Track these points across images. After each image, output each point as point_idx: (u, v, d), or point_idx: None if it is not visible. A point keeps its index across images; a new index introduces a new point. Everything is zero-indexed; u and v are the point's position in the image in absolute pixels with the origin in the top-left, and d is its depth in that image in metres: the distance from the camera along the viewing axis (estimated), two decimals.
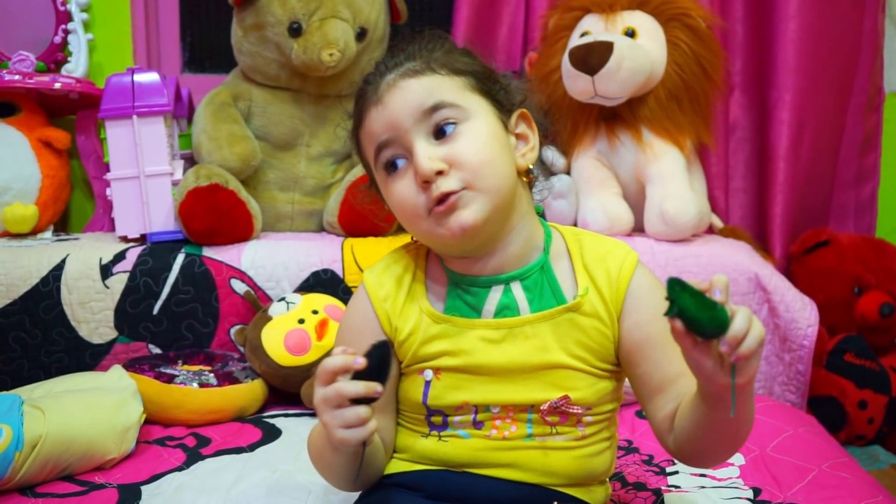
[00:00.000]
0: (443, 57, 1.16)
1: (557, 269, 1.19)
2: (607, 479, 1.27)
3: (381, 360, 1.04)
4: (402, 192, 1.13)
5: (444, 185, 1.10)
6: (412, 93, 1.13)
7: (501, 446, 1.17)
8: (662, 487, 1.49)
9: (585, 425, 1.18)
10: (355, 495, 1.25)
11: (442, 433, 1.19)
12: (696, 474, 1.55)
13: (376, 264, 1.25)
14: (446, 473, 1.18)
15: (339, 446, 1.05)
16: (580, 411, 1.17)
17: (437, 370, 1.17)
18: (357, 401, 1.03)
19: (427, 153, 1.11)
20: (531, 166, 1.21)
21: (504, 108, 1.19)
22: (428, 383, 1.18)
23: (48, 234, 2.29)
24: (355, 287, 1.82)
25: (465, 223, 1.11)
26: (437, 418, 1.19)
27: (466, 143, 1.12)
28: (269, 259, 2.06)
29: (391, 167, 1.14)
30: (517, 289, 1.17)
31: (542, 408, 1.16)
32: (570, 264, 1.20)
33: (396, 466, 1.22)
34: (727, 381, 0.97)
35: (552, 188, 2.22)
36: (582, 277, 1.18)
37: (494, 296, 1.17)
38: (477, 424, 1.17)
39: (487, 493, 1.16)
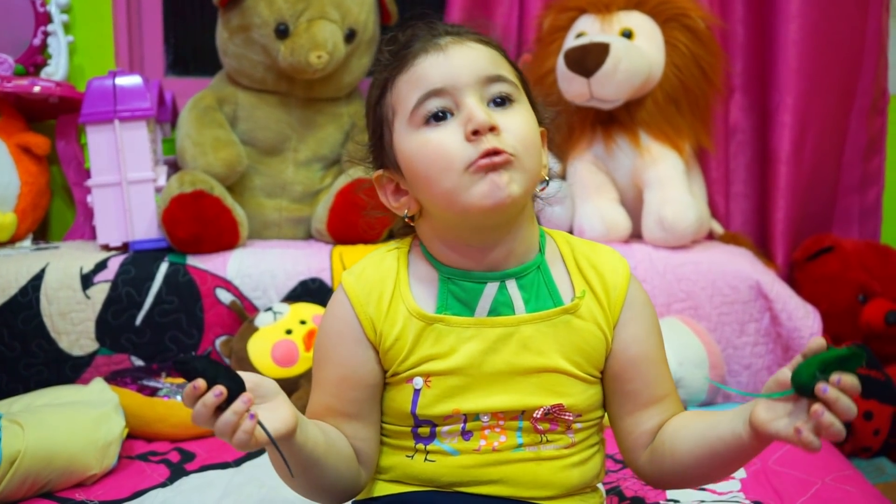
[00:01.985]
0: (500, 45, 1.18)
1: (553, 271, 1.19)
2: (599, 486, 1.27)
3: (205, 369, 1.00)
4: (442, 139, 1.09)
5: (497, 142, 1.08)
6: (480, 55, 1.12)
7: (490, 461, 1.16)
8: (661, 502, 1.49)
9: (575, 432, 1.18)
10: None
11: (428, 447, 1.17)
12: (695, 488, 1.55)
13: (355, 266, 1.22)
14: (434, 495, 1.18)
15: (243, 449, 1.04)
16: (572, 418, 1.17)
17: (427, 377, 1.15)
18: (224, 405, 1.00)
19: (484, 109, 1.09)
20: (547, 178, 1.21)
21: (537, 113, 1.19)
22: (417, 392, 1.15)
23: (27, 242, 2.29)
24: None
25: (500, 191, 1.08)
26: (425, 429, 1.17)
27: (520, 120, 1.11)
28: (255, 268, 2.07)
29: (435, 118, 1.11)
30: (513, 287, 1.16)
31: (534, 415, 1.15)
32: (564, 267, 1.20)
33: (382, 489, 1.21)
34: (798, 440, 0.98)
35: (549, 196, 2.23)
36: (578, 280, 1.19)
37: (489, 292, 1.15)
38: (465, 434, 1.16)
39: None
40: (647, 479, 1.23)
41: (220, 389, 0.99)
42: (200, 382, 0.99)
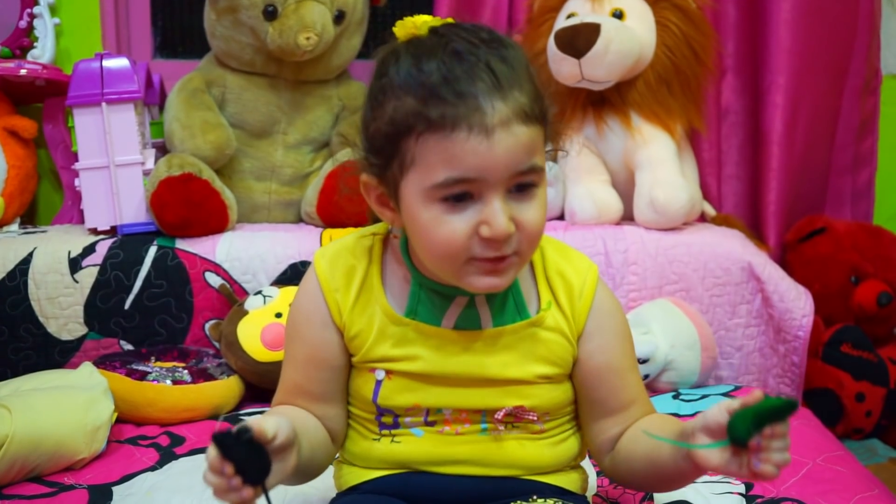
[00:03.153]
0: (535, 86, 1.08)
1: (522, 283, 1.19)
2: (581, 466, 1.28)
3: (247, 458, 0.98)
4: (455, 230, 1.04)
5: (506, 249, 1.06)
6: (521, 146, 1.04)
7: (456, 441, 1.18)
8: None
9: (543, 422, 1.20)
10: (333, 493, 1.26)
11: (394, 432, 1.19)
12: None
13: (328, 246, 1.23)
14: (408, 476, 1.19)
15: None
16: (535, 417, 1.18)
17: (389, 372, 1.17)
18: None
19: (506, 213, 1.04)
20: None
21: (549, 150, 1.16)
22: (379, 382, 1.17)
23: (14, 226, 2.28)
24: None
25: (498, 286, 1.09)
26: (388, 418, 1.19)
27: (536, 211, 1.08)
28: (244, 251, 2.06)
29: (455, 199, 1.05)
30: (480, 301, 1.16)
31: (496, 416, 1.17)
32: (532, 278, 1.20)
33: (356, 476, 1.22)
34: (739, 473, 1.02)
35: None
36: (545, 291, 1.19)
37: (456, 308, 1.16)
38: (429, 423, 1.18)
39: (458, 490, 1.18)
40: (612, 479, 1.28)
41: (237, 482, 0.97)
42: (230, 470, 0.96)
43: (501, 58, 1.04)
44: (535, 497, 1.17)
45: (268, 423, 1.00)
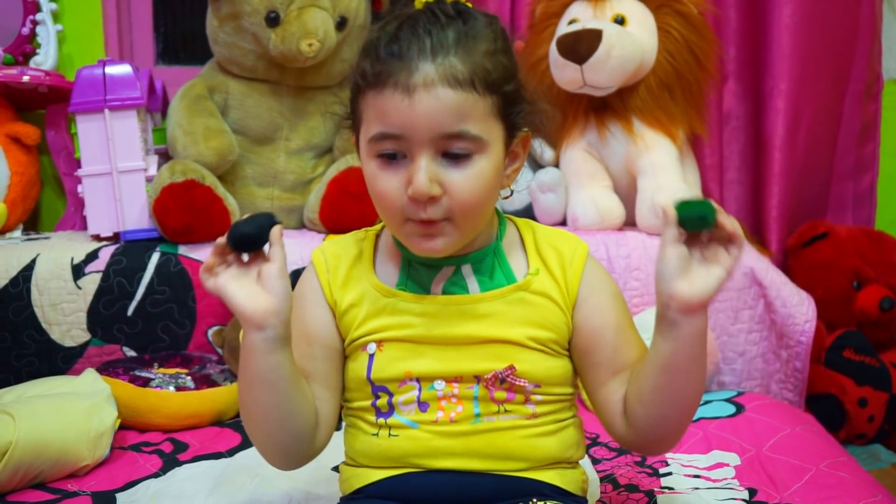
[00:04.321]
0: (488, 60, 1.11)
1: (510, 254, 1.23)
2: (581, 464, 1.28)
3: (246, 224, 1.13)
4: (387, 186, 1.11)
5: (430, 213, 1.10)
6: (445, 108, 1.08)
7: (450, 432, 1.19)
8: (655, 489, 1.50)
9: (536, 404, 1.20)
10: (338, 496, 1.26)
11: (389, 421, 1.20)
12: (689, 475, 1.56)
13: (325, 243, 1.30)
14: (408, 477, 1.20)
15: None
16: (527, 385, 1.19)
17: (380, 342, 1.20)
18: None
19: (429, 173, 1.08)
20: (511, 188, 1.24)
21: (515, 130, 1.18)
22: (371, 357, 1.20)
23: (17, 233, 2.28)
24: None
25: (433, 249, 1.14)
26: (383, 400, 1.20)
27: (469, 180, 1.11)
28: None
29: (387, 156, 1.11)
30: (467, 270, 1.20)
31: (486, 377, 1.18)
32: (522, 250, 1.24)
33: (359, 479, 1.23)
34: (692, 291, 1.10)
35: (539, 182, 2.23)
36: (535, 261, 1.22)
37: (444, 274, 1.20)
38: (422, 406, 1.19)
39: (457, 490, 1.19)
40: (631, 444, 1.25)
41: (213, 260, 1.12)
42: (221, 241, 1.12)
43: (456, 28, 1.10)
44: (535, 500, 1.18)
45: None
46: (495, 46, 1.12)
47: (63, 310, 2.01)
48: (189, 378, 1.87)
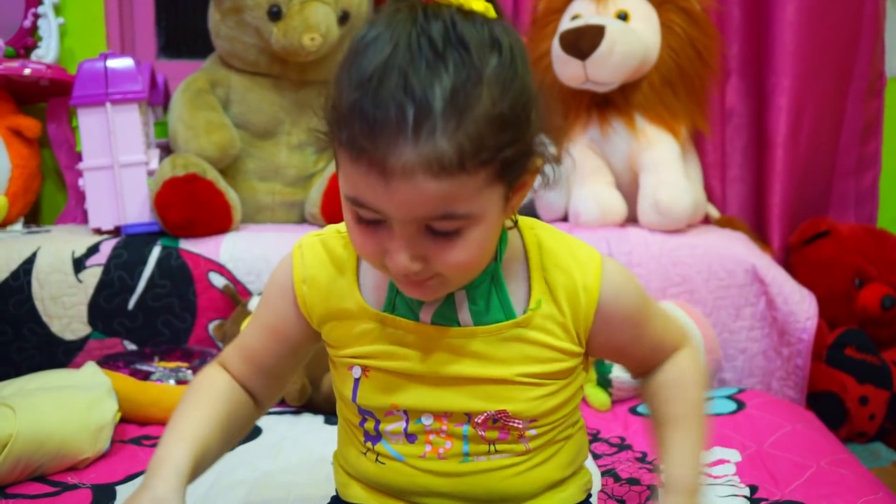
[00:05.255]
0: (484, 126, 0.89)
1: (509, 276, 1.08)
2: (584, 466, 1.24)
3: None
4: (364, 244, 0.97)
5: (421, 275, 0.96)
6: (425, 198, 0.89)
7: (438, 470, 1.11)
8: (657, 483, 1.49)
9: (529, 439, 1.12)
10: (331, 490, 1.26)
11: (376, 447, 1.13)
12: None
13: (315, 234, 1.15)
14: None
15: None
16: (521, 425, 1.10)
17: (365, 369, 1.10)
18: None
19: (409, 250, 0.93)
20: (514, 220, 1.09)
21: (519, 178, 0.98)
22: (357, 381, 1.11)
23: (18, 226, 2.28)
24: None
25: (425, 298, 1.03)
26: (370, 423, 1.13)
27: (458, 251, 0.94)
28: (248, 252, 2.07)
29: (363, 220, 0.96)
30: (460, 297, 1.06)
31: (477, 420, 1.09)
32: (525, 272, 1.09)
33: (354, 493, 1.19)
34: None
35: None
36: (537, 287, 1.07)
37: (434, 301, 1.06)
38: (410, 437, 1.11)
39: None
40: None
41: None
42: None
43: (450, 75, 0.88)
44: None
45: None
46: (499, 97, 0.90)
47: (64, 303, 2.01)
48: (189, 372, 1.87)
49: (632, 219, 2.21)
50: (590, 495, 1.25)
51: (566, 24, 2.21)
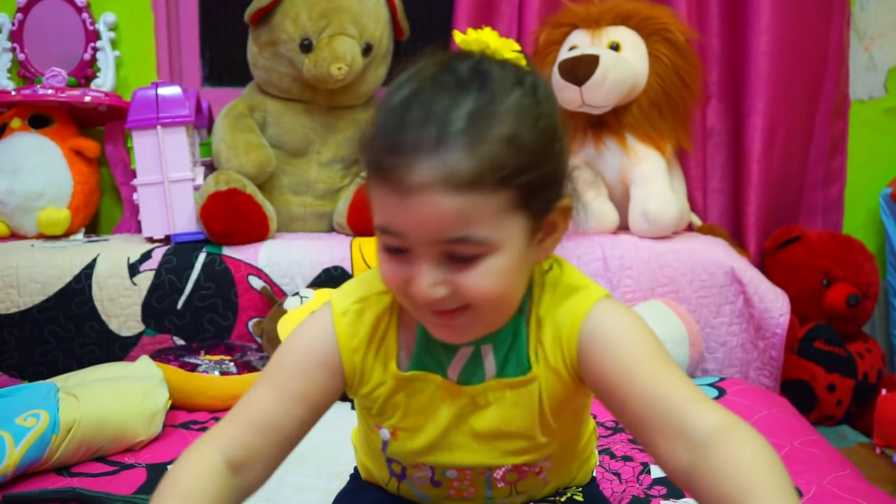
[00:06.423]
0: (504, 147, 0.83)
1: (529, 329, 0.99)
2: (593, 451, 1.20)
3: None
4: (393, 277, 0.90)
5: (445, 305, 0.88)
6: (441, 215, 0.82)
7: None
8: (650, 461, 1.49)
9: (546, 472, 1.06)
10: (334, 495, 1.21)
11: (401, 484, 1.08)
12: None
13: (350, 293, 1.01)
14: None
15: None
16: (539, 470, 1.05)
17: (394, 431, 1.02)
18: None
19: (432, 279, 0.86)
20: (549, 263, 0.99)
21: (546, 213, 0.90)
22: (385, 442, 1.03)
23: (80, 235, 2.29)
24: None
25: (452, 339, 0.94)
26: (397, 467, 1.07)
27: (480, 279, 0.86)
28: (283, 257, 2.07)
29: (391, 249, 0.89)
30: (486, 350, 0.98)
31: (496, 475, 1.03)
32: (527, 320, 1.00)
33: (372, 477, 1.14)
34: None
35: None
36: (532, 341, 0.98)
37: (461, 359, 0.98)
38: (435, 483, 1.05)
39: None
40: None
41: None
42: None
43: (472, 100, 0.84)
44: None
45: None
46: (518, 122, 0.85)
47: (120, 303, 2.02)
48: (232, 364, 1.87)
49: (623, 227, 2.21)
50: (594, 476, 1.24)
51: (564, 53, 2.21)
